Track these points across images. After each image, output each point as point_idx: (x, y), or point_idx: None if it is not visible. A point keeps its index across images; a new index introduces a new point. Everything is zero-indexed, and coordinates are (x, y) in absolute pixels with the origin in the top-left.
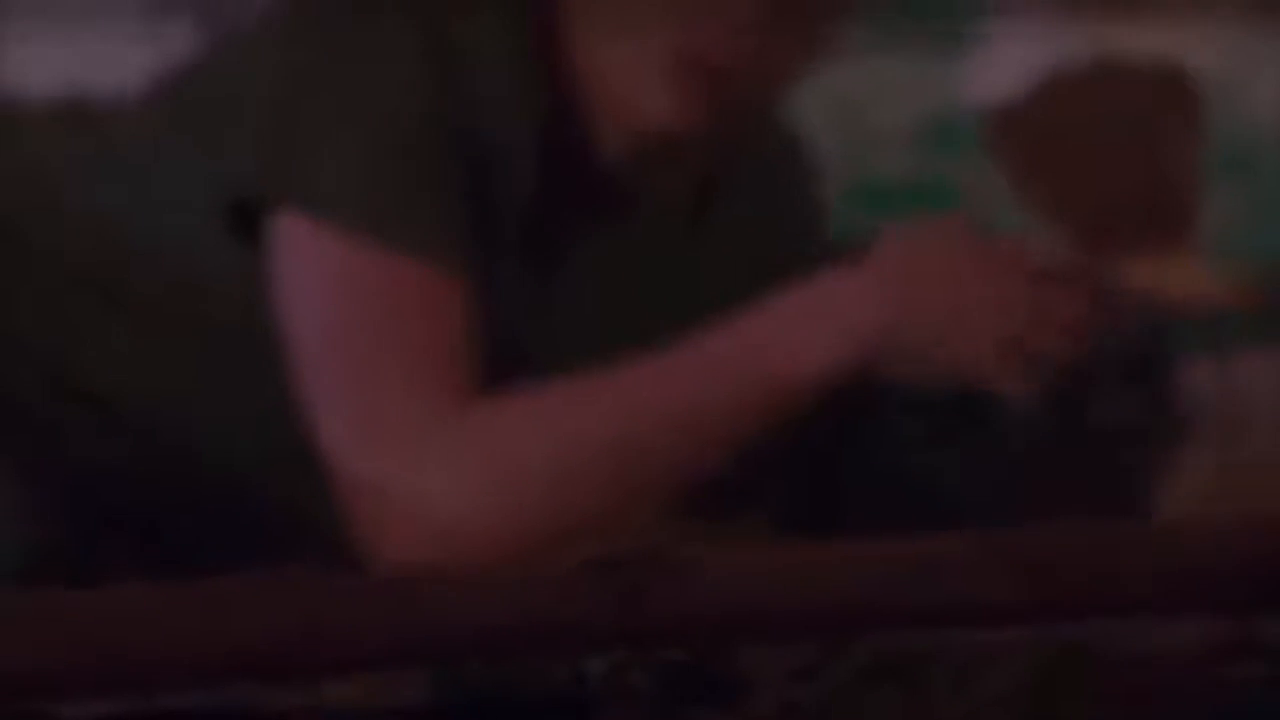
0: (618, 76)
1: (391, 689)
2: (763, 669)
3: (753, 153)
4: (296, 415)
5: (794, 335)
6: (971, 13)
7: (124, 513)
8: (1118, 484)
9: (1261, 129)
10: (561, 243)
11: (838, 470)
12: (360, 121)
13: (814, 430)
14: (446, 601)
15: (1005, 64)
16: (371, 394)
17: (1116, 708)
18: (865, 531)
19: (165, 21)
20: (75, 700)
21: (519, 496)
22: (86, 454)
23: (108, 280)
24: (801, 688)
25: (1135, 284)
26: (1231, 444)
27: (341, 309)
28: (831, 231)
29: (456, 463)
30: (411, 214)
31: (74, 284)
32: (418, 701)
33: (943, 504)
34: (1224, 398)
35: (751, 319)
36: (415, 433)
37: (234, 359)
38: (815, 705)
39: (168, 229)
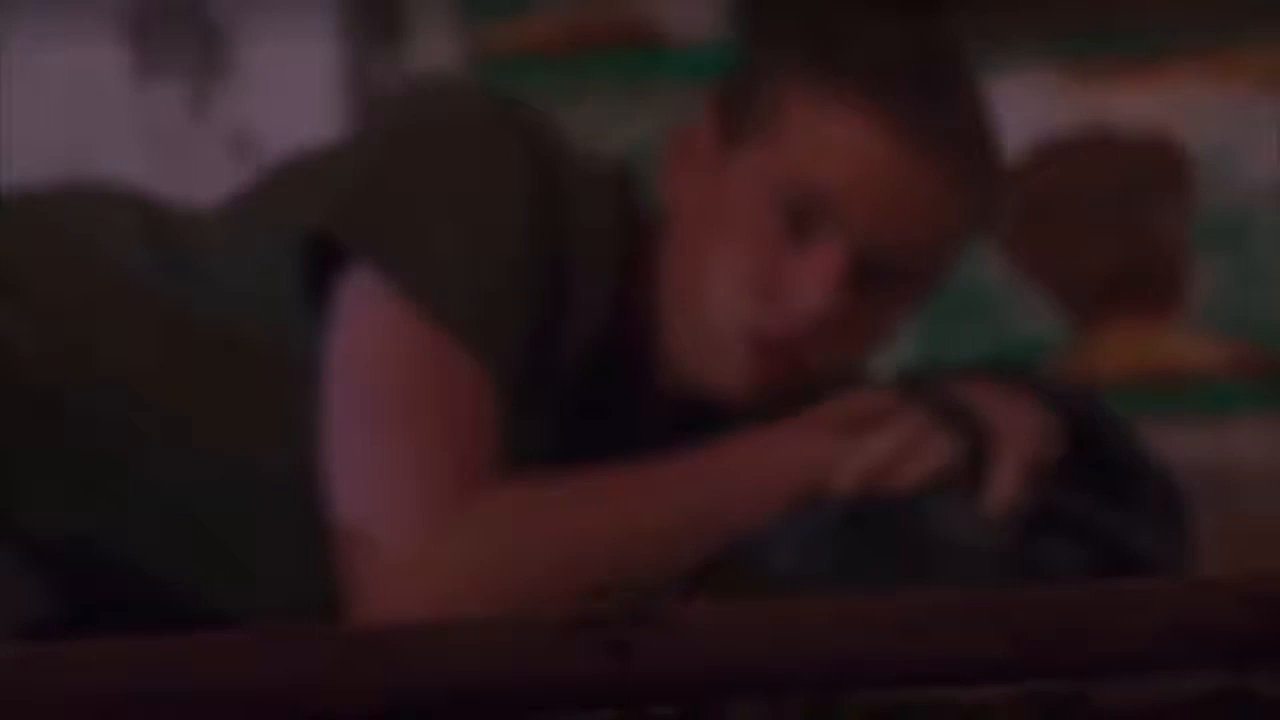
0: (690, 339)
1: None
2: None
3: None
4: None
5: (792, 448)
6: None
7: (122, 589)
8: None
9: (1252, 199)
10: (598, 403)
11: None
12: (464, 217)
13: None
14: (435, 656)
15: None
16: (392, 457)
17: None
18: None
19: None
20: None
21: (511, 577)
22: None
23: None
24: None
25: (1125, 352)
26: (1225, 505)
27: (388, 373)
28: None
29: (459, 536)
30: (483, 313)
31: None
32: None
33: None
34: (1218, 462)
35: (751, 438)
36: (424, 501)
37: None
38: None
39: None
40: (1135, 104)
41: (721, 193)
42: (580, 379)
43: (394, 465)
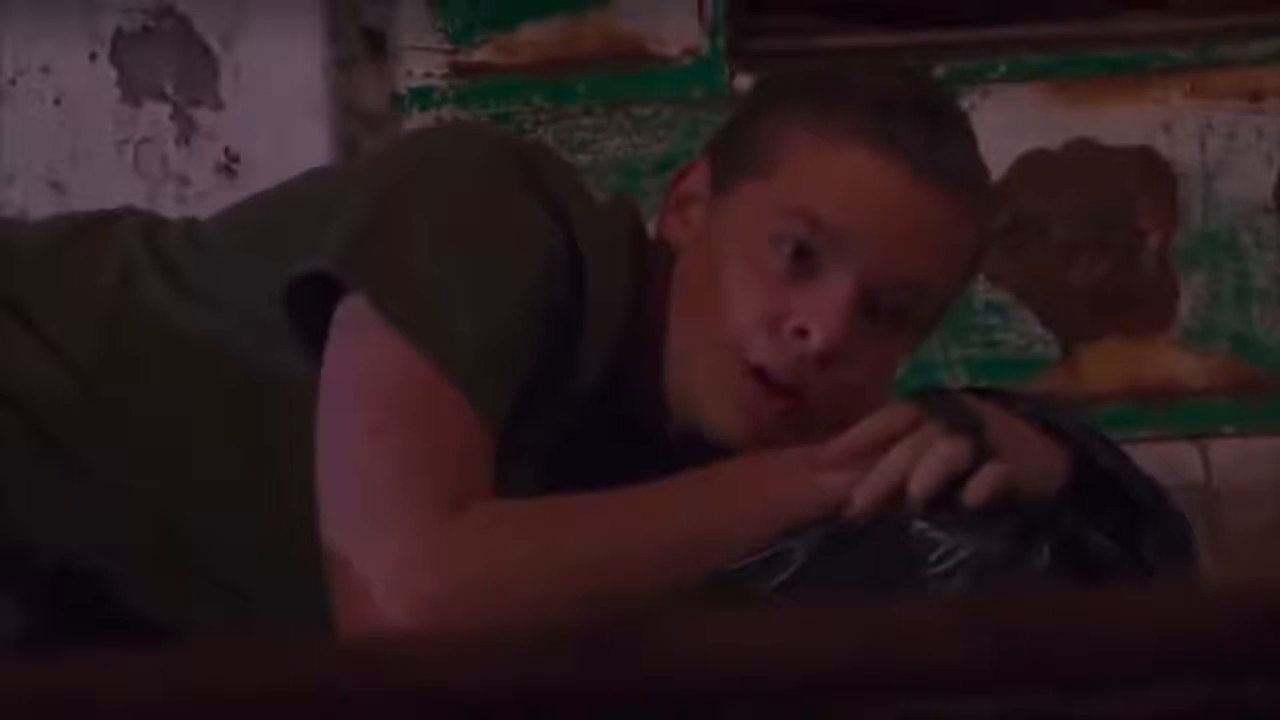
0: (692, 375)
1: None
2: None
3: None
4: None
5: (790, 475)
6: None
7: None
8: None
9: (1238, 217)
10: (600, 444)
11: None
12: (468, 255)
13: None
14: (433, 666)
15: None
16: (379, 481)
17: None
18: None
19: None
20: None
21: (496, 596)
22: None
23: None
24: None
25: (1113, 369)
26: (1211, 521)
27: (379, 397)
28: None
29: (444, 557)
30: (481, 351)
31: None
32: None
33: None
34: (1206, 477)
35: (748, 462)
36: (410, 523)
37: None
38: None
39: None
40: (1121, 121)
41: (723, 230)
42: (584, 419)
43: (379, 484)
